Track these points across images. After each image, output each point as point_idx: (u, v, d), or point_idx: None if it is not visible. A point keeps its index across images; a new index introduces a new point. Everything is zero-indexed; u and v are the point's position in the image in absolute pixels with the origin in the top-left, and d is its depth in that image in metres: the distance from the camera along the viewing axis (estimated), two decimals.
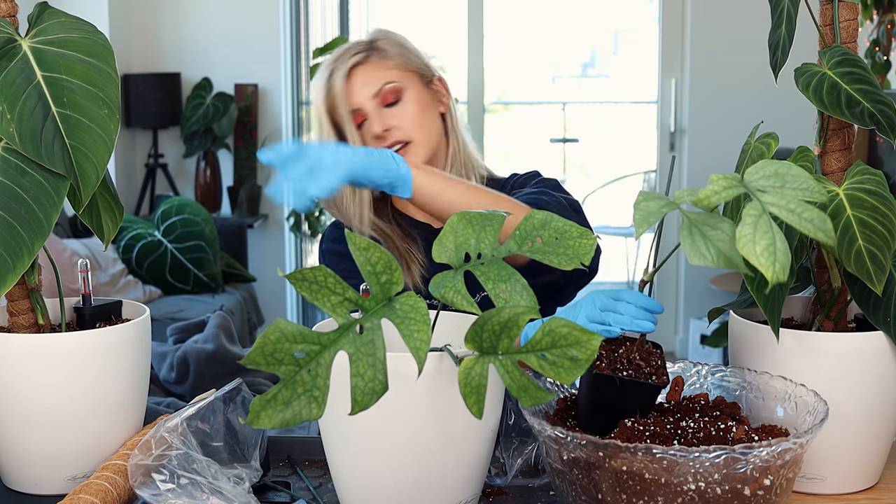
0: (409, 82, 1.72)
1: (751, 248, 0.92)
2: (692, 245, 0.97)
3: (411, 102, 1.71)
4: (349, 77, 1.70)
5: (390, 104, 1.70)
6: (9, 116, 1.17)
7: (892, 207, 1.20)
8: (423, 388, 1.08)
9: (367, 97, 1.69)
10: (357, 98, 1.69)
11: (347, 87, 1.70)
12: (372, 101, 1.69)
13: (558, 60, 9.86)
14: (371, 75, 1.70)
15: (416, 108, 1.71)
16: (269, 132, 5.01)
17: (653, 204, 1.00)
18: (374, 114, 1.69)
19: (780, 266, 0.92)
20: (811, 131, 1.30)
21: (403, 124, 1.69)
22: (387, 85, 1.69)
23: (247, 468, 1.23)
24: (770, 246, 0.92)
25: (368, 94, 1.69)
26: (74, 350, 1.24)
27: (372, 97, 1.69)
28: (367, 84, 1.70)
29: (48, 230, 1.18)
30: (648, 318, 1.18)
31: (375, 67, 1.71)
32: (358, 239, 1.02)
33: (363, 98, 1.69)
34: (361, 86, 1.70)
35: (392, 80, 1.70)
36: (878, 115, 1.19)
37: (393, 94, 1.70)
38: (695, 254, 0.96)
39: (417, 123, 1.70)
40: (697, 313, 4.94)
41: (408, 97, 1.71)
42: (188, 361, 2.68)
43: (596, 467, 1.04)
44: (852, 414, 1.22)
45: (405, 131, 1.69)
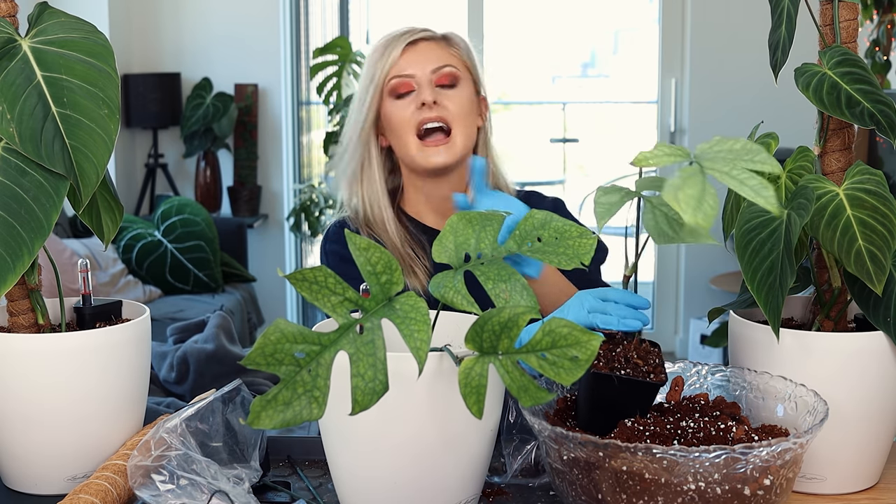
0: (465, 79, 1.69)
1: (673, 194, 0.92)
2: (655, 227, 1.00)
3: (464, 93, 1.67)
4: (413, 45, 1.67)
5: (444, 86, 1.66)
6: (9, 116, 1.17)
7: (892, 207, 1.20)
8: (423, 388, 1.08)
9: (426, 69, 1.65)
10: (414, 68, 1.66)
11: (407, 54, 1.66)
12: (429, 74, 1.65)
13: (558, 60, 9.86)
14: (435, 52, 1.67)
15: (466, 103, 1.67)
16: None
17: (612, 197, 1.03)
18: (426, 86, 1.64)
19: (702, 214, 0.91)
20: (811, 131, 1.30)
21: (454, 108, 1.65)
22: (448, 66, 1.67)
23: (247, 468, 1.23)
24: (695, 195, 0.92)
25: (429, 66, 1.65)
26: (74, 350, 1.24)
27: (431, 71, 1.65)
28: (428, 58, 1.66)
29: (48, 230, 1.18)
30: (636, 315, 1.19)
31: (441, 48, 1.68)
32: (358, 239, 1.02)
33: (421, 68, 1.65)
34: (423, 58, 1.66)
35: (454, 66, 1.67)
36: (878, 115, 1.19)
37: (450, 78, 1.66)
38: (658, 234, 0.99)
39: (463, 116, 1.66)
40: (697, 313, 4.94)
41: (461, 89, 1.67)
42: (188, 361, 2.68)
43: (596, 467, 1.04)
44: (852, 414, 1.22)
45: (452, 115, 1.64)
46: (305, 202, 4.70)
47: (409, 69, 1.65)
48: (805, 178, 1.25)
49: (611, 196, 1.03)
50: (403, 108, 1.65)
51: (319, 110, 5.42)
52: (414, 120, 1.64)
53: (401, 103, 1.65)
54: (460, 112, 1.65)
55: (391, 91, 1.66)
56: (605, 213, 1.02)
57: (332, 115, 4.66)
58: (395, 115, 1.65)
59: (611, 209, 1.02)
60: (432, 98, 1.63)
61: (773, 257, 1.17)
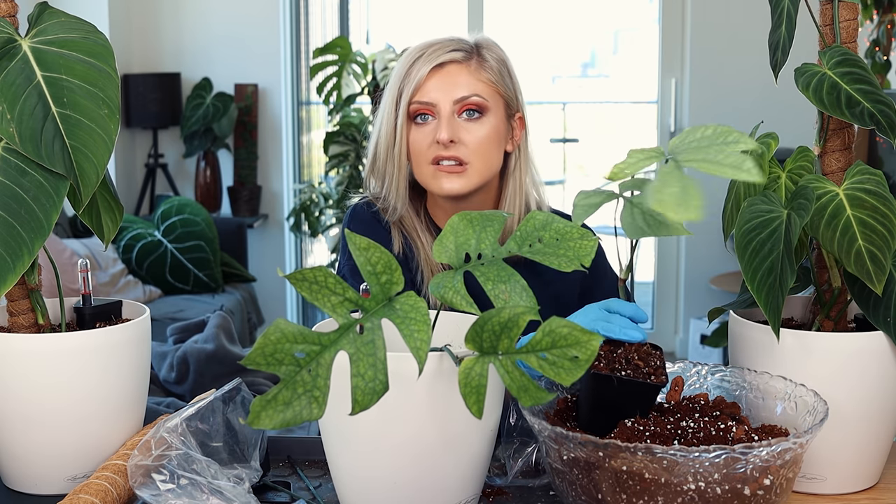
0: (495, 106, 1.59)
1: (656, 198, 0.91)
2: (631, 222, 1.01)
3: (488, 127, 1.58)
4: (440, 68, 1.58)
5: (467, 118, 1.58)
6: (9, 116, 1.17)
7: (892, 207, 1.20)
8: (423, 388, 1.08)
9: (449, 98, 1.57)
10: (437, 94, 1.57)
11: (433, 78, 1.57)
12: (451, 104, 1.57)
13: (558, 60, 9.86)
14: (463, 78, 1.58)
15: (490, 135, 1.58)
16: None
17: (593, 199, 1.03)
18: (447, 118, 1.56)
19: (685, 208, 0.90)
20: (811, 131, 1.30)
21: (471, 144, 1.56)
22: (475, 97, 1.57)
23: (247, 468, 1.23)
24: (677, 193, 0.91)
25: (452, 95, 1.57)
26: (74, 350, 1.24)
27: (454, 101, 1.57)
28: (455, 85, 1.57)
29: (48, 230, 1.18)
30: (637, 328, 1.19)
31: (471, 73, 1.58)
32: (358, 239, 1.02)
33: (445, 97, 1.57)
34: (448, 84, 1.57)
35: (481, 95, 1.58)
36: (878, 115, 1.19)
37: (477, 109, 1.57)
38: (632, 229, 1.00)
39: (484, 150, 1.57)
40: (697, 313, 4.94)
41: (487, 120, 1.58)
42: (188, 361, 2.68)
43: (596, 467, 1.04)
44: (852, 414, 1.22)
45: (469, 152, 1.56)
46: (305, 202, 4.70)
47: (431, 95, 1.57)
48: (805, 178, 1.25)
49: (591, 198, 1.03)
50: (421, 137, 1.58)
51: (319, 110, 5.42)
52: (429, 154, 1.58)
53: (419, 131, 1.59)
54: (480, 147, 1.57)
55: (411, 115, 1.59)
56: (582, 214, 1.02)
57: (332, 115, 4.66)
58: (413, 142, 1.59)
59: (588, 210, 1.02)
60: (448, 137, 1.55)
61: (773, 257, 1.17)
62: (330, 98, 4.56)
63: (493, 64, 1.60)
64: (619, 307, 1.23)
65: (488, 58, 1.60)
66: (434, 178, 1.59)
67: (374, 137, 1.66)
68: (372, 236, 1.63)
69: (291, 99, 5.14)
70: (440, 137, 1.55)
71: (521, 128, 1.66)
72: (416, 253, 1.65)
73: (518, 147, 1.66)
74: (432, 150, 1.58)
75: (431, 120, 1.58)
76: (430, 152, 1.58)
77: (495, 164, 1.61)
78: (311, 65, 4.62)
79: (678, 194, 0.90)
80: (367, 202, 1.69)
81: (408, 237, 1.66)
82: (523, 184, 1.66)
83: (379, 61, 4.48)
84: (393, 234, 1.65)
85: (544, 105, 8.99)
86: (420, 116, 1.59)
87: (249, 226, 4.95)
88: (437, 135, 1.56)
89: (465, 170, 1.57)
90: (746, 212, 1.21)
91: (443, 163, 1.57)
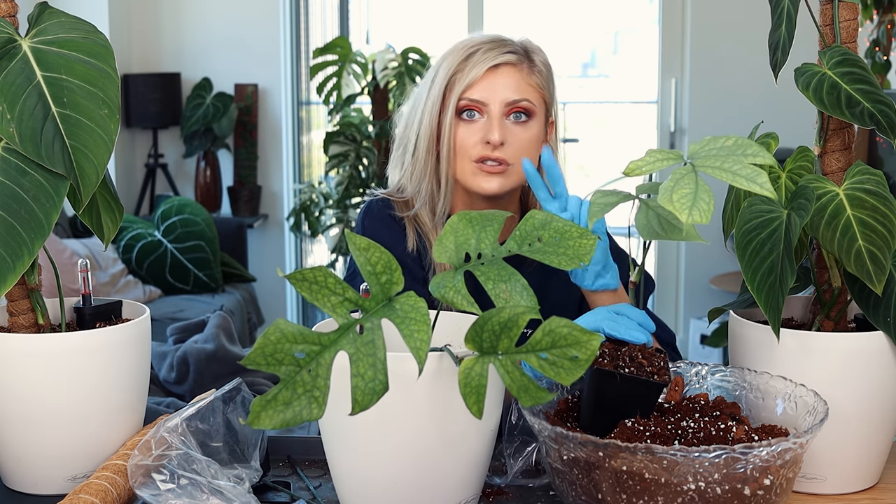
0: (539, 110, 1.61)
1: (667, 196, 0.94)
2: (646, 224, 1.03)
3: (533, 130, 1.60)
4: (495, 69, 1.59)
5: (514, 120, 1.59)
6: (9, 116, 1.17)
7: (892, 207, 1.20)
8: (423, 388, 1.08)
9: (501, 100, 1.58)
10: (489, 94, 1.58)
11: (487, 77, 1.58)
12: (502, 106, 1.58)
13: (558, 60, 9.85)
14: (516, 81, 1.59)
15: (533, 139, 1.60)
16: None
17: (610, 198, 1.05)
18: (496, 119, 1.57)
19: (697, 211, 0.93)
20: (811, 131, 1.30)
21: (518, 146, 1.58)
22: (525, 101, 1.59)
23: (247, 468, 1.23)
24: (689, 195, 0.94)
25: (505, 97, 1.58)
26: (74, 350, 1.24)
27: (506, 103, 1.58)
28: (507, 87, 1.58)
29: (48, 230, 1.18)
30: (642, 331, 1.20)
31: (523, 76, 1.60)
32: (358, 239, 1.02)
33: (497, 98, 1.58)
34: (502, 86, 1.58)
35: (530, 100, 1.59)
36: (878, 115, 1.19)
37: (525, 113, 1.59)
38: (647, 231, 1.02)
39: (526, 153, 1.58)
40: (697, 313, 4.94)
41: (532, 124, 1.60)
42: (188, 361, 2.68)
43: (596, 467, 1.04)
44: (852, 414, 1.22)
45: (515, 153, 1.58)
46: (305, 202, 4.71)
47: (483, 95, 1.58)
48: (805, 178, 1.25)
49: (608, 198, 1.05)
50: (468, 134, 1.59)
51: (319, 110, 5.42)
52: (475, 152, 1.58)
53: (466, 128, 1.59)
54: (525, 149, 1.58)
55: (459, 110, 1.59)
56: (598, 212, 1.04)
57: (332, 115, 4.66)
58: (458, 138, 1.59)
59: (604, 209, 1.04)
60: (500, 139, 1.56)
61: (773, 257, 1.17)
62: (330, 98, 4.56)
63: (542, 69, 1.63)
64: (629, 311, 1.24)
65: (538, 62, 1.62)
66: (474, 177, 1.60)
67: (411, 129, 1.66)
68: (387, 233, 1.65)
69: (291, 99, 5.14)
70: (492, 139, 1.56)
71: (552, 131, 1.69)
72: (430, 250, 1.66)
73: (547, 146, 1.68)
74: (478, 148, 1.58)
75: (479, 118, 1.59)
76: (476, 151, 1.59)
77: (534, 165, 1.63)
78: (311, 65, 4.62)
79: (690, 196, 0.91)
80: (381, 199, 1.69)
81: (422, 235, 1.67)
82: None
83: (379, 61, 4.48)
84: (408, 231, 1.66)
85: None
86: (467, 112, 1.60)
87: (249, 226, 4.95)
88: (487, 135, 1.57)
89: (506, 170, 1.59)
90: (746, 212, 1.21)
91: (488, 162, 1.58)
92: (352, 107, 4.66)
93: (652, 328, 1.22)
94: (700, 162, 0.98)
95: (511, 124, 1.59)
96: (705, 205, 0.93)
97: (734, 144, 1.00)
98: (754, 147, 0.99)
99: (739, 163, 0.97)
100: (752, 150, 0.99)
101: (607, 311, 1.25)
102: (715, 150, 1.00)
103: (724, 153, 0.99)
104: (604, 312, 1.26)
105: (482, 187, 1.59)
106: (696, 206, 0.92)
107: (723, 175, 0.97)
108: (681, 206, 0.92)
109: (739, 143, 1.00)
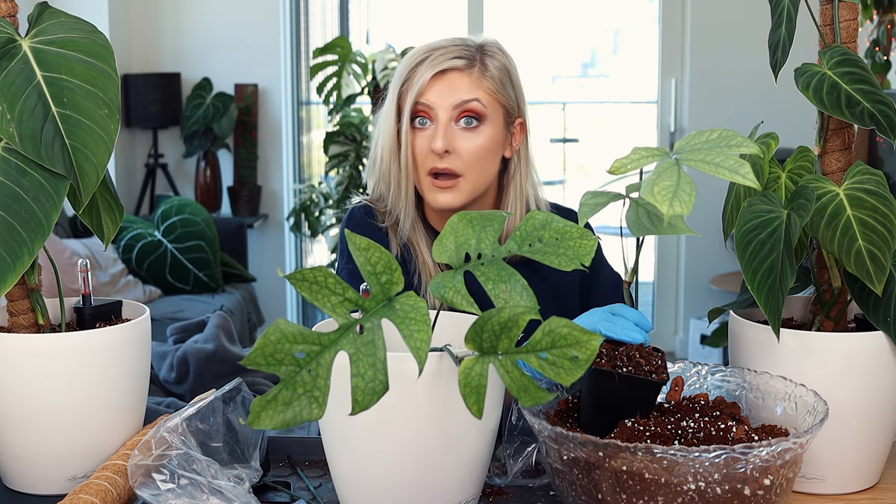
0: (493, 114, 1.59)
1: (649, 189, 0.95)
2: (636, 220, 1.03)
3: (484, 137, 1.58)
4: (441, 74, 1.57)
5: (464, 126, 1.57)
6: (9, 116, 1.17)
7: (892, 207, 1.20)
8: (423, 388, 1.08)
9: (448, 104, 1.56)
10: (437, 98, 1.57)
11: (434, 83, 1.57)
12: (449, 110, 1.56)
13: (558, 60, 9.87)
14: (462, 85, 1.57)
15: (485, 145, 1.58)
16: None
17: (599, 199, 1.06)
18: (443, 125, 1.56)
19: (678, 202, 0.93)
20: (811, 131, 1.30)
21: (465, 155, 1.56)
22: (473, 102, 1.57)
23: (247, 468, 1.23)
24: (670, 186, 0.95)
25: (451, 101, 1.56)
26: (74, 350, 1.24)
27: (453, 107, 1.56)
28: (454, 91, 1.57)
29: (48, 230, 1.18)
30: (639, 330, 1.20)
31: (471, 80, 1.57)
32: (357, 239, 1.02)
33: (443, 102, 1.56)
34: (448, 90, 1.57)
35: (481, 101, 1.57)
36: (878, 115, 1.19)
37: (473, 117, 1.57)
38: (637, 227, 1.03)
39: (477, 161, 1.57)
40: (697, 313, 4.94)
41: (484, 129, 1.58)
42: (188, 361, 2.68)
43: (596, 467, 1.04)
44: (852, 414, 1.22)
45: (463, 164, 1.57)
46: (305, 202, 4.71)
47: (431, 97, 1.57)
48: (805, 178, 1.25)
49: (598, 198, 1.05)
50: (419, 142, 1.58)
51: (319, 110, 5.42)
52: (427, 163, 1.58)
53: (418, 136, 1.59)
54: (474, 158, 1.57)
55: (411, 116, 1.59)
56: (588, 212, 1.05)
57: (332, 115, 4.66)
58: (413, 148, 1.59)
59: (594, 209, 1.05)
60: (444, 147, 1.54)
61: (773, 257, 1.17)
62: (330, 98, 4.55)
63: (494, 73, 1.59)
64: (625, 312, 1.24)
65: (490, 66, 1.60)
66: (429, 191, 1.59)
67: (376, 140, 1.66)
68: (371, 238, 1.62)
69: (291, 99, 5.14)
70: (435, 147, 1.55)
71: (522, 133, 1.66)
72: (414, 255, 1.65)
73: (517, 152, 1.66)
74: (429, 159, 1.58)
75: (429, 125, 1.58)
76: (428, 162, 1.58)
77: (489, 174, 1.62)
78: (311, 65, 4.62)
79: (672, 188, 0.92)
80: (363, 206, 1.69)
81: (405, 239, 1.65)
82: (523, 188, 1.66)
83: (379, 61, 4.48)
84: (390, 238, 1.65)
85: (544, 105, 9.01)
86: (419, 119, 1.59)
87: (249, 226, 4.95)
88: (434, 142, 1.56)
89: (457, 183, 1.57)
90: (746, 212, 1.21)
91: (438, 176, 1.58)
92: (352, 107, 4.66)
93: (649, 327, 1.22)
94: (685, 156, 0.98)
95: (461, 131, 1.57)
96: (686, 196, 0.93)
97: (718, 137, 1.00)
98: (738, 138, 0.99)
99: (723, 154, 0.97)
100: (736, 140, 0.99)
101: (603, 312, 1.25)
102: (700, 144, 1.01)
103: (709, 146, 1.00)
104: (600, 313, 1.26)
105: (436, 201, 1.59)
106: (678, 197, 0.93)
107: (706, 167, 0.97)
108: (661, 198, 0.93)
109: (724, 135, 1.01)
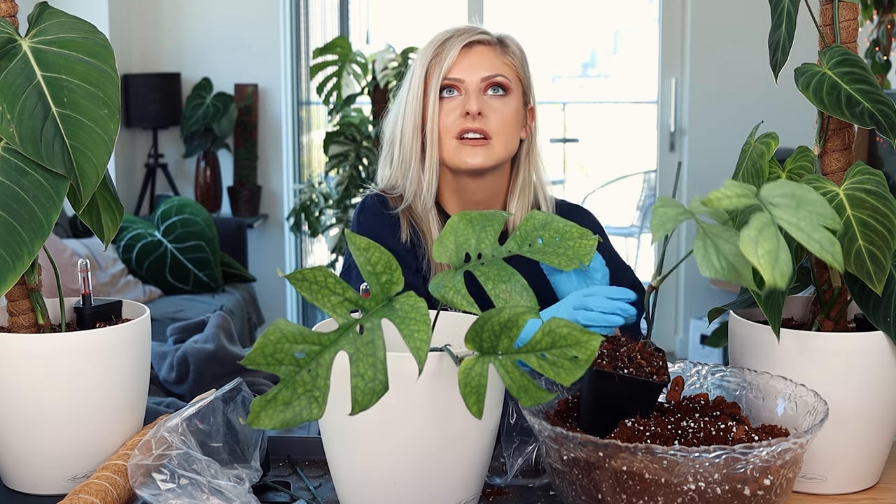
0: (515, 89, 1.68)
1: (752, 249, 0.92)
2: (705, 256, 0.97)
3: (511, 105, 1.66)
4: (469, 48, 1.66)
5: (493, 94, 1.65)
6: (9, 116, 1.17)
7: (892, 207, 1.20)
8: (423, 388, 1.08)
9: (477, 76, 1.65)
10: (466, 72, 1.65)
11: (462, 57, 1.65)
12: (479, 82, 1.64)
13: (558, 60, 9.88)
14: (490, 59, 1.66)
15: (512, 113, 1.66)
16: None
17: (670, 211, 1.00)
18: (474, 93, 1.64)
19: (779, 272, 0.91)
20: (811, 131, 1.30)
21: (494, 119, 1.63)
22: (500, 76, 1.65)
23: (247, 468, 1.23)
24: (773, 251, 0.91)
25: (480, 73, 1.65)
26: (74, 350, 1.24)
27: (482, 79, 1.65)
28: (482, 64, 1.65)
29: (48, 230, 1.18)
30: (618, 310, 1.18)
31: (496, 55, 1.67)
32: (357, 239, 1.02)
33: (473, 74, 1.65)
34: (476, 63, 1.65)
35: (505, 76, 1.66)
36: (878, 115, 1.19)
37: (502, 87, 1.66)
38: (706, 265, 0.96)
39: (507, 126, 1.65)
40: (697, 313, 4.94)
41: (509, 100, 1.66)
42: (188, 361, 2.68)
43: (596, 467, 1.04)
44: (852, 414, 1.22)
45: (494, 126, 1.63)
46: (305, 202, 4.71)
47: (460, 73, 1.65)
48: (805, 178, 1.25)
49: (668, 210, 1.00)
50: (448, 111, 1.64)
51: (319, 110, 5.42)
52: (455, 127, 1.63)
53: (446, 105, 1.65)
54: (503, 124, 1.64)
55: (440, 88, 1.65)
56: (659, 226, 0.99)
57: (332, 115, 4.66)
58: (440, 118, 1.65)
59: (665, 224, 0.98)
60: (477, 109, 1.62)
61: None
62: (330, 98, 4.56)
63: (515, 51, 1.70)
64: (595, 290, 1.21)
65: (511, 45, 1.70)
66: (457, 152, 1.64)
67: (395, 122, 1.71)
68: (381, 226, 1.69)
69: (291, 99, 5.14)
70: (469, 108, 1.62)
71: (532, 119, 1.74)
72: (424, 241, 1.69)
73: (530, 135, 1.74)
74: (458, 122, 1.64)
75: (458, 95, 1.66)
76: (456, 125, 1.64)
77: (514, 143, 1.68)
78: (311, 65, 4.62)
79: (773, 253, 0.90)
80: (376, 194, 1.73)
81: (416, 227, 1.69)
82: (531, 172, 1.74)
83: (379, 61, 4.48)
84: (402, 223, 1.69)
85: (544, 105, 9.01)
86: (447, 91, 1.66)
87: (249, 226, 4.95)
88: (465, 106, 1.62)
89: (489, 143, 1.63)
90: (746, 212, 1.21)
91: (468, 135, 1.63)
92: (352, 107, 4.66)
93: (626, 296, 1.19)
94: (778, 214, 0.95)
95: (489, 98, 1.65)
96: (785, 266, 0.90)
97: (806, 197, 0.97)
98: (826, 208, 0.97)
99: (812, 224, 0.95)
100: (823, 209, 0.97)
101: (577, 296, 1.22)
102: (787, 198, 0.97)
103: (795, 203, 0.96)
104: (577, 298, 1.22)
105: (466, 162, 1.63)
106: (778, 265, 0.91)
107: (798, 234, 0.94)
108: (766, 264, 0.90)
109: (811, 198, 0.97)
